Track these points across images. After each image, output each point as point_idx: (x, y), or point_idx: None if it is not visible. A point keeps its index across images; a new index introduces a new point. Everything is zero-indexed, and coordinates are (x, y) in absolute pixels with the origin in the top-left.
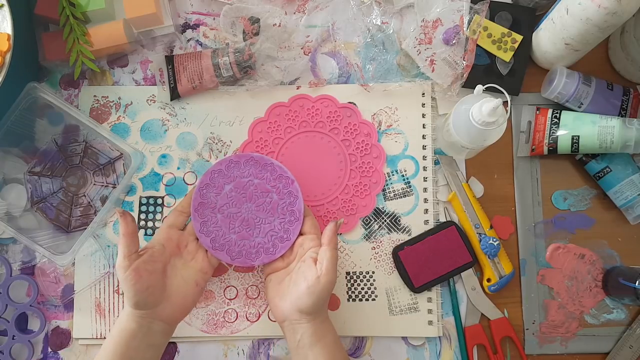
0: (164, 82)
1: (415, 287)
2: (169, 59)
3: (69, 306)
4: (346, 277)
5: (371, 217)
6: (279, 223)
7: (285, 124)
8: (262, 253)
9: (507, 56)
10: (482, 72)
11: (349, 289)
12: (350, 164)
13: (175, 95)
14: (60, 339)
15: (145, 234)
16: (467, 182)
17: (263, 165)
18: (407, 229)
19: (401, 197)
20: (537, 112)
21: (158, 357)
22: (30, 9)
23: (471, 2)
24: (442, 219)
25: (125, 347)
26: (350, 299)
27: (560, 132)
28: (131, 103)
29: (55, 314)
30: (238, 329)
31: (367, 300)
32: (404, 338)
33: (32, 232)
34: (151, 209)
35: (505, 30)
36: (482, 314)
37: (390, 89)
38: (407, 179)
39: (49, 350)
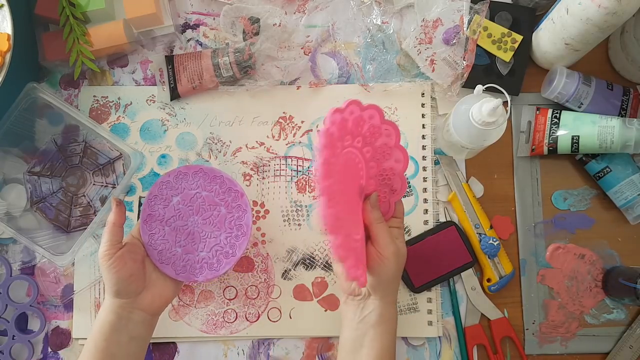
0: (163, 82)
1: (415, 287)
2: (169, 59)
3: (68, 306)
4: None
5: None
6: (225, 237)
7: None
8: (206, 269)
9: (507, 56)
10: (482, 72)
11: None
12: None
13: (175, 95)
14: (60, 339)
15: None
16: (467, 182)
17: (212, 178)
18: (406, 229)
19: None
20: (537, 112)
21: (142, 352)
22: (30, 9)
23: (471, 2)
24: (442, 219)
25: (106, 342)
26: None
27: (560, 132)
28: (131, 103)
29: (55, 314)
30: (237, 329)
31: None
32: (404, 338)
33: (32, 232)
34: None
35: (505, 30)
36: (482, 314)
37: (390, 89)
38: (407, 179)
39: (49, 350)
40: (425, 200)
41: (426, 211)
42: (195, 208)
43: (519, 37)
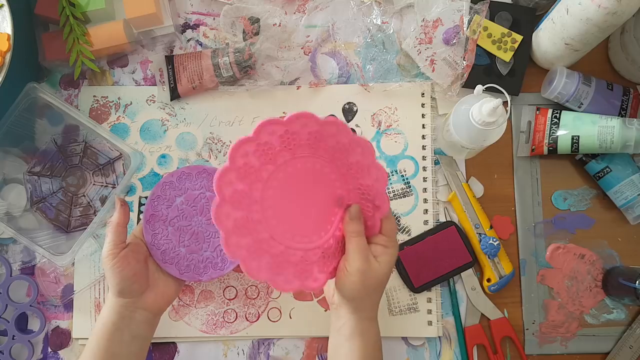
0: (163, 82)
1: (415, 287)
2: (169, 59)
3: (68, 306)
4: None
5: None
6: None
7: (277, 147)
8: (210, 268)
9: (507, 56)
10: (482, 72)
11: None
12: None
13: (175, 95)
14: (60, 339)
15: None
16: (467, 182)
17: None
18: (406, 229)
19: (401, 197)
20: (537, 112)
21: (143, 351)
22: (30, 9)
23: (471, 2)
24: (442, 219)
25: (108, 342)
26: None
27: (560, 132)
28: (131, 103)
29: (55, 314)
30: (237, 329)
31: None
32: (404, 338)
33: (32, 232)
34: None
35: (505, 30)
36: (482, 314)
37: (390, 89)
38: (407, 179)
39: (49, 350)
40: (425, 200)
41: (426, 211)
42: (199, 208)
43: (519, 37)
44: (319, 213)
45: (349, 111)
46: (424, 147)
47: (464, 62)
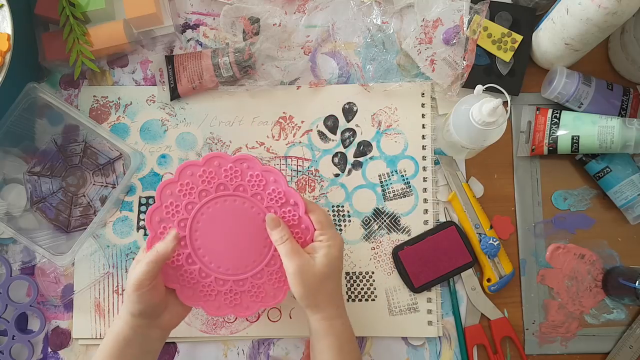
0: (163, 82)
1: (415, 287)
2: (169, 59)
3: (68, 306)
4: (346, 278)
5: (371, 218)
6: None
7: (199, 186)
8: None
9: (507, 56)
10: (482, 72)
11: (349, 289)
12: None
13: (175, 95)
14: (60, 339)
15: (145, 234)
16: (467, 182)
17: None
18: (406, 229)
19: (401, 197)
20: (537, 112)
21: None
22: (30, 9)
23: (471, 2)
24: (442, 219)
25: (121, 354)
26: (350, 299)
27: (560, 132)
28: (131, 103)
29: (55, 314)
30: (237, 329)
31: (366, 300)
32: (404, 338)
33: (32, 232)
34: None
35: (505, 30)
36: (482, 314)
37: (390, 89)
38: (407, 179)
39: (49, 350)
40: (425, 200)
41: (426, 211)
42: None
43: (519, 37)
44: (251, 241)
45: (349, 111)
46: (424, 147)
47: (464, 62)
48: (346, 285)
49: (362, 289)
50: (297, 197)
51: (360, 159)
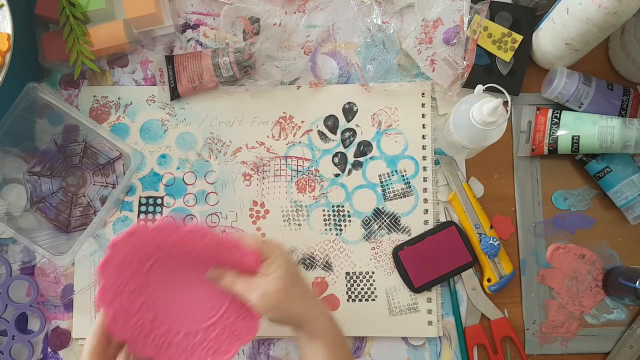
0: (164, 82)
1: (416, 287)
2: (169, 59)
3: (68, 306)
4: (346, 278)
5: (371, 218)
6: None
7: (137, 254)
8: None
9: (507, 56)
10: (482, 72)
11: (349, 289)
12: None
13: (175, 95)
14: (60, 339)
15: None
16: (467, 182)
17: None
18: (407, 229)
19: (401, 197)
20: (537, 112)
21: None
22: (30, 9)
23: (471, 2)
24: (442, 219)
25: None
26: (350, 299)
27: (560, 132)
28: (131, 103)
29: (55, 314)
30: None
31: (367, 300)
32: (404, 338)
33: (32, 232)
34: (151, 209)
35: (506, 30)
36: (482, 314)
37: (391, 89)
38: (407, 179)
39: (49, 350)
40: (426, 200)
41: (426, 211)
42: None
43: (519, 37)
44: (207, 287)
45: (349, 111)
46: (424, 147)
47: (464, 62)
48: (346, 285)
49: (362, 289)
50: (227, 240)
51: (361, 159)
